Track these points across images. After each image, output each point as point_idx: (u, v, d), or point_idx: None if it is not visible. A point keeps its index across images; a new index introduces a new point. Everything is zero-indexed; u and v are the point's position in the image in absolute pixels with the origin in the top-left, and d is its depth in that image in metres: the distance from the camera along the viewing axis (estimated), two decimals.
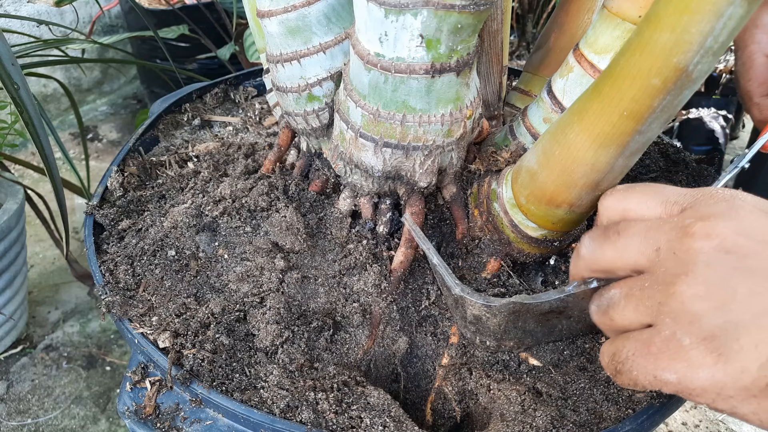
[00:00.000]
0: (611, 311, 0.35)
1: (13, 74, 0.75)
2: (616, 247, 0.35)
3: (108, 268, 0.58)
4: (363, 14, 0.44)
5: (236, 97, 0.92)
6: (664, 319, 0.31)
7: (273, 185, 0.61)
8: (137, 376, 0.50)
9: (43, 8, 2.08)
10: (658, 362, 0.31)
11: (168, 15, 1.78)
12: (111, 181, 0.68)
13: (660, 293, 0.31)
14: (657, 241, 0.32)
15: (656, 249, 0.32)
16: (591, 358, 0.53)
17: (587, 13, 0.59)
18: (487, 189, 0.55)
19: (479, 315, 0.49)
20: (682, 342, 0.30)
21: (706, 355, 0.29)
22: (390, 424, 0.45)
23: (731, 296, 0.29)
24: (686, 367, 0.30)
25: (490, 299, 0.47)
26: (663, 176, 0.72)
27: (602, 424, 0.46)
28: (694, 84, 0.35)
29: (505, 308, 0.46)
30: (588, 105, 0.41)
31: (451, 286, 0.48)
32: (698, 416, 1.24)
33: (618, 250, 0.34)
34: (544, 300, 0.44)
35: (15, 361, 1.38)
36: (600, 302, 0.36)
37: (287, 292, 0.54)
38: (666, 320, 0.31)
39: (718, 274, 0.30)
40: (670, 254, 0.31)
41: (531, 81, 0.67)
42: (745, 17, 0.31)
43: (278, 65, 0.54)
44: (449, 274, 0.48)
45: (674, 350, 0.30)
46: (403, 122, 0.48)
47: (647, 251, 0.33)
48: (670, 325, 0.31)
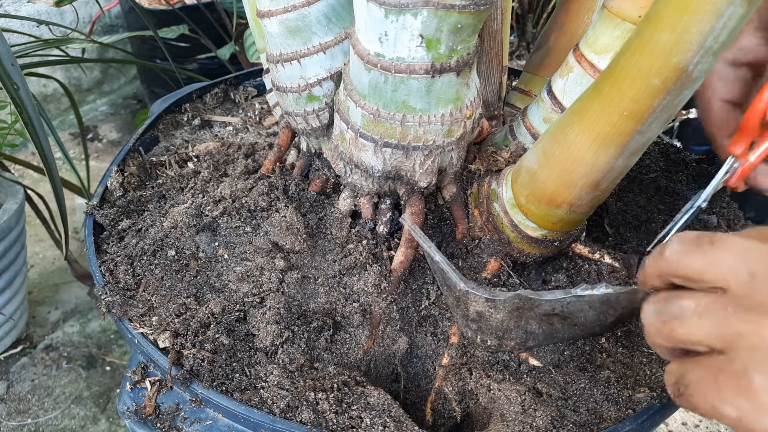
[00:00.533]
0: (677, 323, 0.33)
1: (12, 74, 0.75)
2: (707, 259, 0.33)
3: (108, 268, 0.58)
4: (363, 14, 0.44)
5: (236, 97, 0.92)
6: (739, 351, 0.30)
7: (273, 185, 0.61)
8: (137, 376, 0.50)
9: (43, 8, 2.08)
10: (722, 394, 0.30)
11: (168, 15, 1.78)
12: (111, 181, 0.68)
13: (744, 324, 0.30)
14: (754, 265, 0.31)
15: (751, 273, 0.31)
16: (591, 359, 0.53)
17: (587, 13, 0.59)
18: (487, 189, 0.55)
19: (482, 311, 0.48)
20: (753, 380, 0.29)
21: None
22: (390, 424, 0.45)
23: None
24: (750, 407, 0.29)
25: (495, 293, 0.47)
26: (663, 176, 0.72)
27: (602, 425, 0.46)
28: (694, 84, 0.35)
29: (510, 302, 0.46)
30: (588, 105, 0.41)
31: (455, 281, 0.47)
32: (698, 416, 1.24)
33: (708, 262, 0.32)
34: (549, 298, 0.44)
35: (15, 361, 1.38)
36: (662, 309, 0.34)
37: (287, 292, 0.54)
38: (742, 354, 0.30)
39: None
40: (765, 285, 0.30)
41: (531, 81, 0.67)
42: (745, 17, 0.31)
43: (278, 65, 0.54)
44: (453, 270, 0.48)
45: (743, 386, 0.29)
46: (403, 122, 0.48)
47: (741, 273, 0.31)
48: (744, 360, 0.30)
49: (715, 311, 0.31)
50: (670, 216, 0.66)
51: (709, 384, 0.31)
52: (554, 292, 0.44)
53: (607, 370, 0.51)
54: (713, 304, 0.31)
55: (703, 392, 0.31)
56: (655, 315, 0.35)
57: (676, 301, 0.33)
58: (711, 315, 0.31)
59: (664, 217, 0.66)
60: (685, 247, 0.34)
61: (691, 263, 0.33)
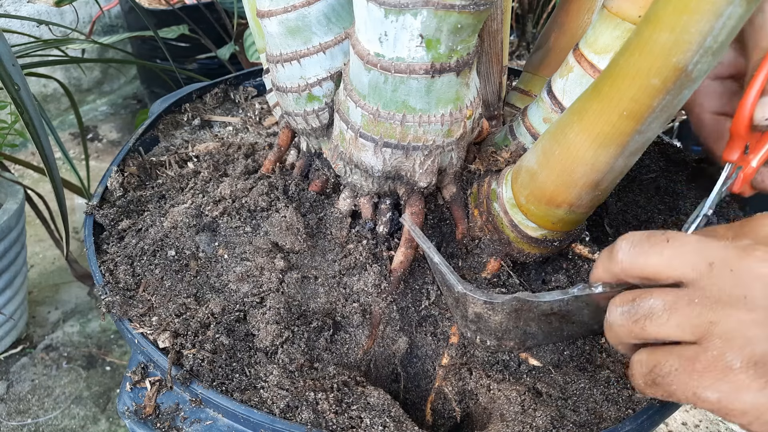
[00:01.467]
0: (647, 322, 0.34)
1: (13, 74, 0.75)
2: (663, 256, 0.33)
3: (108, 268, 0.58)
4: (363, 14, 0.44)
5: (236, 97, 0.92)
6: (713, 339, 0.31)
7: (273, 185, 0.61)
8: (137, 376, 0.50)
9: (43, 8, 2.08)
10: (702, 380, 0.31)
11: (168, 15, 1.78)
12: (111, 181, 0.68)
13: (712, 312, 0.31)
14: (711, 256, 0.32)
15: (710, 264, 0.32)
16: (591, 359, 0.53)
17: (587, 13, 0.59)
18: (487, 189, 0.55)
19: (480, 313, 0.49)
20: (732, 364, 0.30)
21: (755, 380, 0.29)
22: (390, 424, 0.45)
23: None
24: (730, 389, 0.30)
25: (492, 296, 0.47)
26: (663, 176, 0.72)
27: (602, 425, 0.46)
28: (693, 84, 0.35)
29: (508, 305, 0.46)
30: (588, 105, 0.41)
31: (453, 283, 0.48)
32: (698, 416, 1.24)
33: (665, 260, 0.33)
34: (547, 300, 0.44)
35: (15, 361, 1.38)
36: (630, 309, 0.35)
37: (287, 292, 0.54)
38: (716, 341, 0.31)
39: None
40: (726, 272, 0.31)
41: (531, 81, 0.67)
42: (744, 16, 0.31)
43: (278, 65, 0.54)
44: (451, 271, 0.48)
45: (721, 371, 0.30)
46: (403, 122, 0.48)
47: (699, 265, 0.32)
48: (719, 346, 0.30)
49: (683, 306, 0.32)
50: (670, 216, 0.66)
51: (687, 372, 0.32)
52: (552, 293, 0.44)
53: (607, 370, 0.51)
54: (680, 300, 0.32)
55: (683, 380, 0.32)
56: (623, 316, 0.36)
57: (644, 301, 0.34)
58: (680, 310, 0.32)
59: (664, 217, 0.66)
60: (639, 248, 0.35)
61: (648, 263, 0.34)
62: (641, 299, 0.34)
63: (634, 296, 0.35)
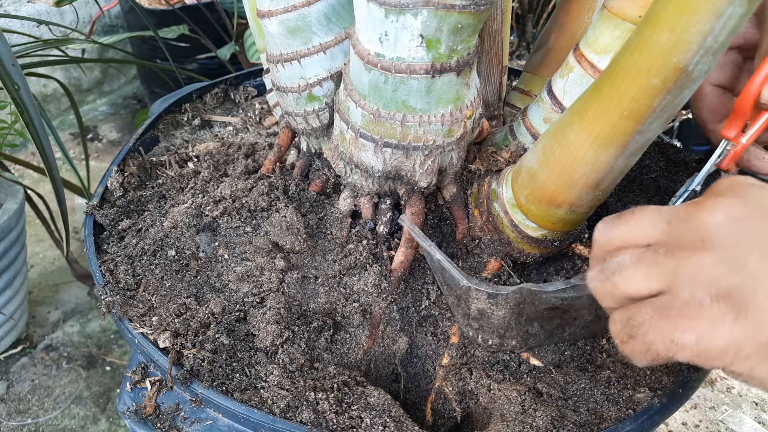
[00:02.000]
0: (617, 277, 0.35)
1: (13, 74, 0.75)
2: (630, 225, 0.36)
3: (108, 268, 0.58)
4: (363, 14, 0.44)
5: (236, 97, 0.92)
6: (682, 284, 0.32)
7: (273, 185, 0.61)
8: (137, 376, 0.50)
9: (43, 8, 2.08)
10: (678, 323, 0.32)
11: (168, 15, 1.78)
12: (111, 181, 0.68)
13: (675, 259, 0.32)
14: (668, 215, 0.34)
15: (668, 221, 0.34)
16: (591, 359, 0.53)
17: (587, 13, 0.59)
18: (487, 189, 0.55)
19: (484, 309, 0.48)
20: (703, 302, 0.31)
21: (726, 312, 0.30)
22: (390, 424, 0.45)
23: (746, 257, 0.30)
24: (706, 326, 0.31)
25: (498, 288, 0.47)
26: (663, 176, 0.72)
27: (603, 425, 0.46)
28: (694, 84, 0.35)
29: (512, 297, 0.46)
30: (588, 105, 0.41)
31: (458, 278, 0.48)
32: (698, 416, 1.24)
33: (631, 226, 0.36)
34: (551, 290, 0.45)
35: (15, 361, 1.38)
36: (603, 268, 0.37)
37: (287, 292, 0.54)
38: (684, 283, 0.32)
39: (732, 240, 0.31)
40: (682, 224, 0.33)
41: (531, 81, 0.67)
42: (745, 16, 0.31)
43: (278, 65, 0.54)
44: (454, 267, 0.48)
45: (694, 310, 0.31)
46: (403, 122, 0.48)
47: (660, 224, 0.34)
48: (688, 288, 0.32)
49: (648, 256, 0.34)
50: None
51: (661, 319, 0.33)
52: (555, 283, 0.45)
53: (608, 370, 0.51)
54: (645, 253, 0.34)
55: (658, 327, 0.33)
56: (596, 276, 0.37)
57: (613, 259, 0.36)
58: (646, 260, 0.34)
59: None
60: (611, 224, 0.38)
61: (617, 233, 0.37)
62: (611, 258, 0.36)
63: (605, 256, 0.37)
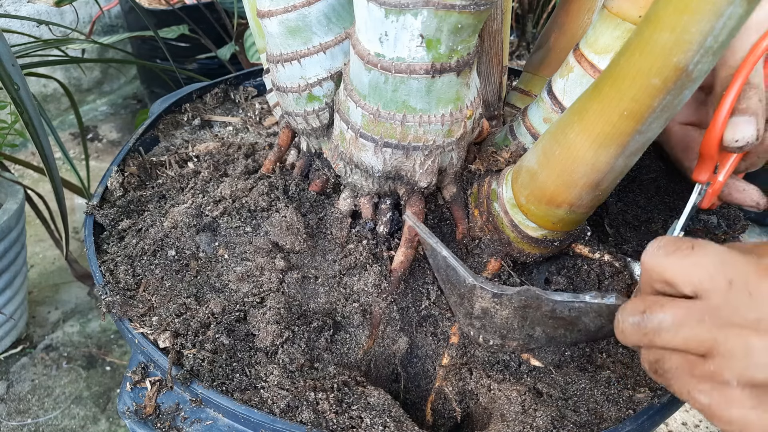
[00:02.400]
0: (656, 336, 0.34)
1: (13, 74, 0.75)
2: (685, 263, 0.33)
3: (108, 268, 0.58)
4: (363, 14, 0.44)
5: (236, 97, 0.92)
6: (716, 357, 0.31)
7: (273, 185, 0.61)
8: (137, 376, 0.50)
9: (43, 8, 2.08)
10: (699, 385, 0.32)
11: (168, 15, 1.78)
12: (111, 181, 0.68)
13: (721, 333, 0.30)
14: (732, 272, 0.31)
15: (729, 281, 0.31)
16: (591, 359, 0.53)
17: (587, 13, 0.59)
18: (487, 189, 0.55)
19: (488, 308, 0.48)
20: (730, 382, 0.30)
21: (748, 399, 0.30)
22: (390, 424, 0.45)
23: None
24: (722, 400, 0.31)
25: (503, 287, 0.47)
26: (663, 176, 0.72)
27: (603, 425, 0.46)
28: (694, 84, 0.35)
29: (517, 299, 0.46)
30: (588, 105, 0.41)
31: (464, 276, 0.47)
32: (698, 416, 1.24)
33: (685, 266, 0.33)
34: (557, 299, 0.44)
35: (15, 361, 1.38)
36: (641, 322, 0.35)
37: (287, 292, 0.54)
38: (718, 359, 0.31)
39: None
40: (745, 294, 0.30)
41: (531, 81, 0.66)
42: (745, 17, 0.31)
43: (278, 65, 0.54)
44: (461, 264, 0.48)
45: (716, 383, 0.31)
46: (403, 122, 0.48)
47: (719, 280, 0.31)
48: (720, 364, 0.31)
49: (693, 323, 0.32)
50: (670, 216, 0.66)
51: (686, 374, 0.33)
52: (563, 293, 0.44)
53: (608, 371, 0.51)
54: (690, 316, 0.32)
55: (681, 378, 0.33)
56: (633, 327, 0.36)
57: (654, 315, 0.34)
58: (688, 326, 0.32)
59: (664, 217, 0.66)
60: (663, 250, 0.35)
61: (669, 265, 0.34)
62: (652, 312, 0.34)
63: (644, 307, 0.35)
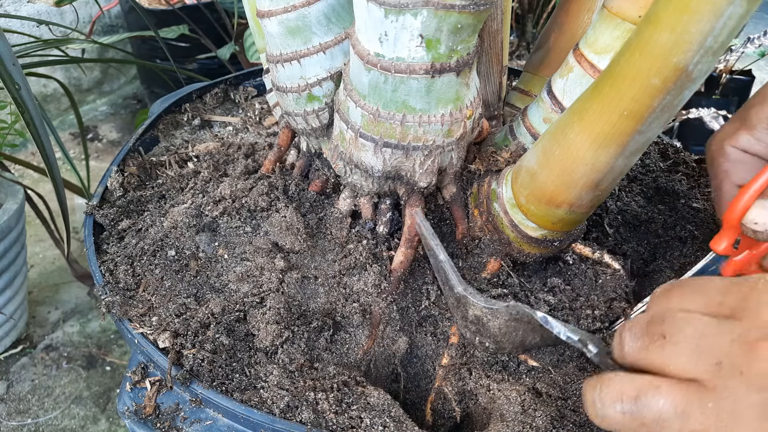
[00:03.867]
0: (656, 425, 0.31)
1: (14, 74, 0.75)
2: (664, 354, 0.32)
3: (108, 268, 0.58)
4: (363, 14, 0.44)
5: (236, 97, 0.92)
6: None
7: (273, 185, 0.61)
8: (137, 376, 0.50)
9: (43, 8, 2.08)
10: None
11: (168, 15, 1.78)
12: (111, 181, 0.68)
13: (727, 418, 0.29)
14: (716, 354, 0.30)
15: (716, 363, 0.30)
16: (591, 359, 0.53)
17: (587, 13, 0.59)
18: (487, 189, 0.55)
19: (480, 316, 0.49)
20: None
21: None
22: (390, 424, 0.45)
23: None
24: None
25: (491, 302, 0.46)
26: (663, 176, 0.72)
27: None
28: (694, 84, 0.35)
29: (506, 312, 0.46)
30: (588, 105, 0.41)
31: (454, 284, 0.47)
32: None
33: (666, 357, 0.32)
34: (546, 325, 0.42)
35: (15, 361, 1.38)
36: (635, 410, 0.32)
37: (287, 292, 0.54)
38: None
39: None
40: (736, 374, 0.29)
41: (531, 81, 0.67)
42: (745, 16, 0.31)
43: (278, 65, 0.54)
44: (454, 271, 0.48)
45: None
46: (403, 122, 0.48)
47: (705, 364, 0.30)
48: None
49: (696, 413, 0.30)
50: (669, 216, 0.66)
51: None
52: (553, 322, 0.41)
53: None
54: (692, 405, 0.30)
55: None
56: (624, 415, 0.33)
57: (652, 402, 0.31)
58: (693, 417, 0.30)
59: (664, 217, 0.66)
60: (639, 342, 0.33)
61: (653, 361, 0.32)
62: (648, 398, 0.32)
63: (637, 392, 0.32)
